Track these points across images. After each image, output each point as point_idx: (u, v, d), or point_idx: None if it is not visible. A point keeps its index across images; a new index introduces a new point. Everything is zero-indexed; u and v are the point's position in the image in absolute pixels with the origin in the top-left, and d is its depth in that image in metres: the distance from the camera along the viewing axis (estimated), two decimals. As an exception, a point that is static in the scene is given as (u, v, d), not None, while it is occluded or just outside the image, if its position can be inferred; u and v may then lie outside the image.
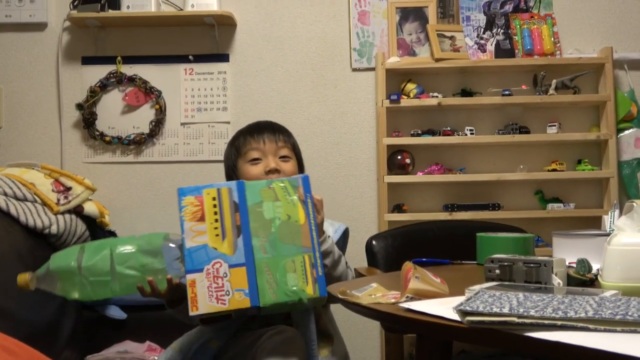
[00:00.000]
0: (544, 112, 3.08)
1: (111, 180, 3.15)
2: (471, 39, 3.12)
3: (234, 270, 1.51)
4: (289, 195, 1.58)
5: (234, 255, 1.52)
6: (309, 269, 1.51)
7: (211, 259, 1.51)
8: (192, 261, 1.52)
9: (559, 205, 2.99)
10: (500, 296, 1.06)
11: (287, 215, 1.56)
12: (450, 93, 3.08)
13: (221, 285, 1.49)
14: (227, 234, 1.53)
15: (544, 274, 1.33)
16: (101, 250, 1.68)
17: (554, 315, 0.93)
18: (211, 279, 1.50)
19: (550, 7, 3.13)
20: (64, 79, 3.19)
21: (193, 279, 1.50)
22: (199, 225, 1.55)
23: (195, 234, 1.54)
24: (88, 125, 3.14)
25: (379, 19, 3.14)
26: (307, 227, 1.55)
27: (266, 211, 1.56)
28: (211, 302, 1.48)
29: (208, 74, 3.17)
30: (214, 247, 1.52)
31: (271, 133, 2.01)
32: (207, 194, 1.57)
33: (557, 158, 3.04)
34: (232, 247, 1.52)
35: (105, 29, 3.18)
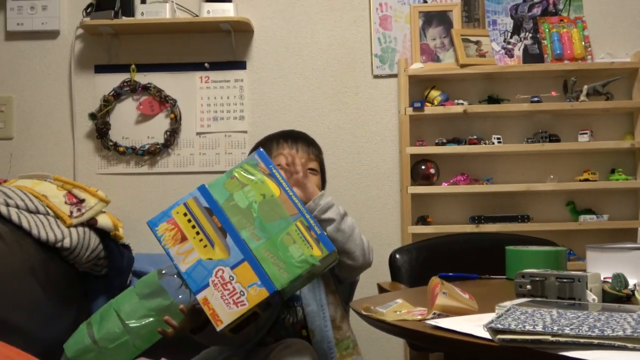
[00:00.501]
0: (574, 120, 2.98)
1: (125, 192, 3.07)
2: (498, 43, 3.01)
3: (237, 270, 1.49)
4: (253, 176, 1.56)
5: (231, 256, 1.50)
6: (305, 233, 1.51)
7: (211, 270, 1.50)
8: (194, 281, 1.50)
9: (592, 216, 2.88)
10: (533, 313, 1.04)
11: (260, 195, 1.54)
12: (476, 100, 2.98)
13: (232, 289, 1.48)
14: (214, 240, 1.51)
15: (577, 290, 1.31)
16: (107, 316, 1.69)
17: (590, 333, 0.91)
18: (220, 288, 1.48)
19: (580, 10, 3.02)
20: (77, 87, 3.12)
21: (204, 297, 1.48)
22: (184, 246, 1.52)
23: (185, 255, 1.52)
24: (101, 136, 3.07)
25: (401, 24, 3.05)
26: (285, 196, 1.54)
27: (239, 201, 1.54)
28: (231, 309, 1.46)
29: (224, 81, 3.09)
30: (208, 258, 1.50)
31: (306, 144, 2.01)
32: (177, 213, 1.55)
33: (589, 167, 2.94)
34: (225, 249, 1.51)
35: (119, 37, 3.12)
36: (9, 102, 3.12)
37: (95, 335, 1.64)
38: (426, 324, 1.16)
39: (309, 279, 1.60)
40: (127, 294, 1.69)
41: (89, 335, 1.66)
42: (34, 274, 2.27)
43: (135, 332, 1.64)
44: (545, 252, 1.81)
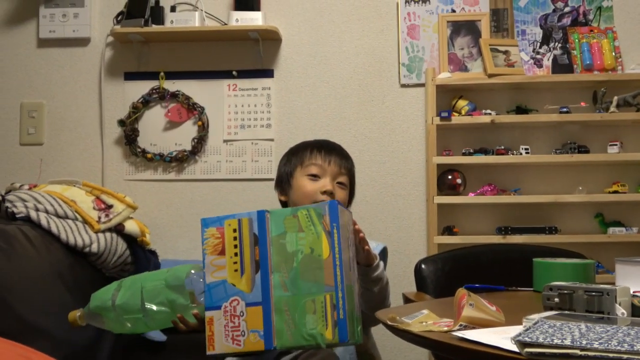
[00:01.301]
0: (604, 131, 2.94)
1: (152, 198, 3.09)
2: (527, 53, 2.99)
3: (250, 309, 1.46)
4: (313, 226, 1.48)
5: (251, 293, 1.47)
6: (329, 310, 1.42)
7: (229, 296, 1.47)
8: (211, 297, 1.49)
9: (621, 229, 2.84)
10: (561, 327, 1.03)
11: (310, 248, 1.46)
12: (504, 110, 2.96)
13: (237, 324, 1.45)
14: (245, 270, 1.48)
15: (606, 304, 1.29)
16: (134, 286, 1.69)
17: (619, 348, 0.89)
18: (228, 317, 1.46)
19: (611, 21, 2.99)
20: (106, 94, 3.16)
21: (211, 317, 1.48)
22: (219, 260, 1.51)
23: (216, 269, 1.51)
24: (130, 142, 3.10)
25: (429, 33, 3.04)
26: (331, 262, 1.44)
27: (289, 243, 1.48)
28: (227, 342, 1.45)
29: (252, 89, 3.11)
30: (233, 283, 1.48)
31: (339, 156, 2.00)
32: (229, 225, 1.52)
33: (618, 179, 2.90)
34: (250, 283, 1.47)
35: (149, 44, 3.15)
36: (40, 108, 3.17)
37: (116, 300, 1.65)
38: (452, 336, 1.15)
39: (307, 349, 1.54)
40: (157, 275, 1.69)
41: (112, 297, 1.67)
42: (62, 279, 2.29)
43: (150, 314, 1.63)
44: (573, 265, 1.79)
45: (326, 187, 1.93)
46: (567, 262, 1.81)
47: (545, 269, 1.81)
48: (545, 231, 2.85)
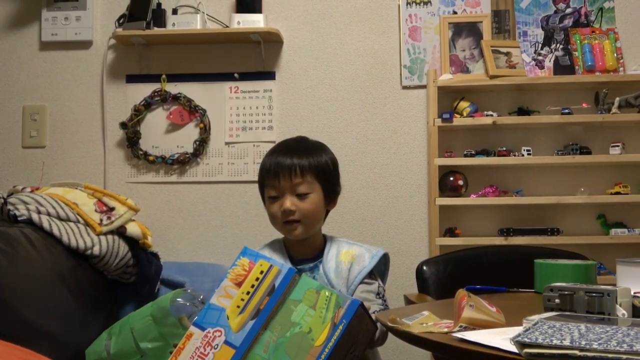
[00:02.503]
0: (606, 132, 2.94)
1: (154, 201, 3.10)
2: (528, 55, 2.99)
3: (225, 347, 1.46)
4: (326, 310, 1.47)
5: (236, 334, 1.47)
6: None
7: (217, 325, 1.49)
8: (204, 316, 1.51)
9: (623, 230, 2.83)
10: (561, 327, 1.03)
11: (309, 327, 1.46)
12: (506, 112, 2.96)
13: (206, 354, 1.46)
14: (245, 311, 1.49)
15: (607, 305, 1.29)
16: (123, 331, 1.71)
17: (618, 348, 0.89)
18: (205, 343, 1.47)
19: (612, 22, 2.98)
20: (108, 97, 3.16)
21: (192, 333, 1.49)
22: (233, 289, 1.53)
23: (224, 295, 1.52)
24: (132, 145, 3.10)
25: (430, 35, 3.04)
26: (318, 352, 1.42)
27: (296, 312, 1.48)
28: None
29: (253, 92, 3.11)
30: (228, 315, 1.50)
31: (287, 170, 1.95)
32: (260, 265, 1.54)
33: (620, 180, 2.89)
34: (240, 325, 1.48)
35: (150, 47, 3.15)
36: (42, 111, 3.17)
37: (111, 349, 1.66)
38: (452, 337, 1.15)
39: None
40: (142, 312, 1.71)
41: (106, 347, 1.68)
42: (64, 281, 2.29)
43: (147, 352, 1.65)
44: (574, 266, 1.79)
45: (284, 206, 1.93)
46: (569, 263, 1.81)
47: (547, 270, 1.81)
48: (547, 232, 2.84)
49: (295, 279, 1.53)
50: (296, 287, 1.52)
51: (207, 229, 3.09)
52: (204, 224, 3.09)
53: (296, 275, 1.53)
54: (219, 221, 3.07)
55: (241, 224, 3.06)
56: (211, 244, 3.06)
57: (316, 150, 2.03)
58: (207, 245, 3.06)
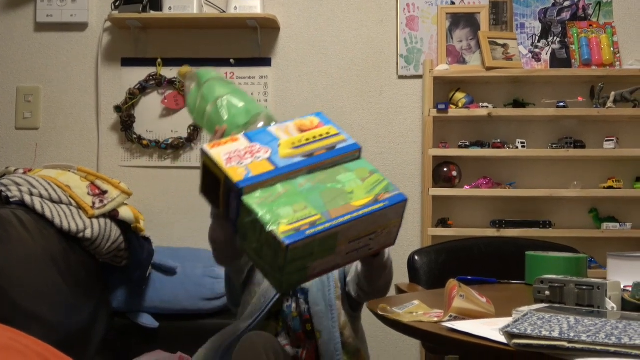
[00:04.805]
0: (601, 126, 2.94)
1: (147, 185, 3.09)
2: (525, 47, 2.98)
3: (265, 162, 1.45)
4: (372, 187, 1.47)
5: (281, 159, 1.47)
6: (306, 221, 1.36)
7: (267, 145, 1.49)
8: (256, 134, 1.52)
9: (615, 224, 2.85)
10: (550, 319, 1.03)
11: (352, 190, 1.45)
12: (501, 103, 2.95)
13: (244, 158, 1.45)
14: (299, 149, 1.49)
15: (597, 297, 1.30)
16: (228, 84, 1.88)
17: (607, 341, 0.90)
18: (247, 151, 1.47)
19: (610, 16, 2.98)
20: (103, 80, 3.14)
21: (238, 139, 1.50)
22: (295, 131, 1.54)
23: (284, 131, 1.53)
24: (126, 128, 3.09)
25: (428, 25, 3.03)
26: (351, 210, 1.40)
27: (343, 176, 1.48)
28: (223, 156, 1.45)
29: (249, 78, 3.10)
30: (280, 144, 1.50)
31: None
32: (328, 128, 1.57)
33: (613, 175, 2.90)
34: (288, 155, 1.48)
35: (146, 31, 3.13)
36: (36, 92, 3.16)
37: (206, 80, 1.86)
38: (442, 326, 1.16)
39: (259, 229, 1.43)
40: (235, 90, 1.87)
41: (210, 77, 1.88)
42: (55, 263, 2.29)
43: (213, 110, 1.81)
44: (565, 259, 1.79)
45: None
46: (560, 256, 1.81)
47: (538, 262, 1.82)
48: (539, 225, 2.85)
49: (356, 153, 1.54)
50: (354, 161, 1.53)
51: (200, 215, 3.06)
52: (197, 209, 3.07)
53: (358, 151, 1.55)
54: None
55: (234, 210, 3.05)
56: (203, 230, 3.00)
57: None
58: (199, 231, 3.03)
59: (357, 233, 1.45)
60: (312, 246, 1.37)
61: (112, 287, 2.70)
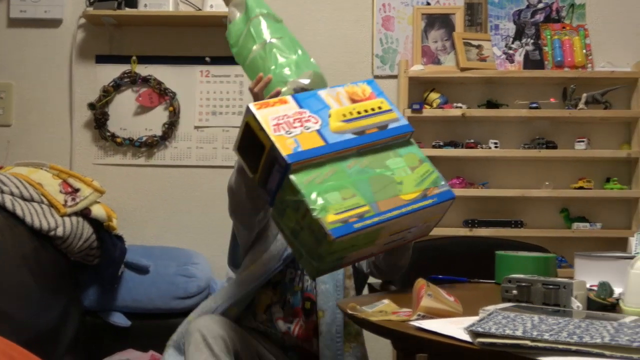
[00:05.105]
0: (572, 127, 2.97)
1: (121, 183, 3.07)
2: (499, 48, 3.01)
3: (316, 135, 1.38)
4: (422, 179, 1.45)
5: (331, 133, 1.40)
6: (354, 212, 1.33)
7: (316, 113, 1.42)
8: (306, 98, 1.45)
9: (585, 224, 2.88)
10: (515, 318, 1.05)
11: (401, 180, 1.42)
12: (475, 104, 2.97)
13: (294, 126, 1.38)
14: (350, 123, 1.43)
15: (563, 297, 1.31)
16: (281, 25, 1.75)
17: (568, 339, 0.91)
18: (296, 118, 1.40)
19: (583, 18, 3.01)
20: (77, 77, 3.12)
21: (286, 101, 1.42)
22: (345, 100, 1.47)
23: (334, 98, 1.46)
24: (99, 126, 3.07)
25: (403, 25, 3.04)
26: (401, 204, 1.38)
27: (393, 161, 1.45)
28: (272, 123, 1.37)
29: (225, 76, 3.09)
30: (331, 114, 1.43)
31: None
32: (381, 102, 1.51)
33: (584, 175, 2.93)
34: (339, 130, 1.42)
35: (121, 28, 3.11)
36: (9, 89, 3.12)
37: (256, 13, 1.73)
38: (410, 325, 1.16)
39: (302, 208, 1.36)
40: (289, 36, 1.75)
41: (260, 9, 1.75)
42: (26, 262, 2.26)
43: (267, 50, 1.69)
44: (534, 258, 1.81)
45: None
46: (529, 256, 1.83)
47: (507, 261, 1.83)
48: (511, 225, 2.87)
49: (407, 136, 1.50)
50: (404, 145, 1.49)
51: (174, 213, 3.07)
52: (171, 208, 3.07)
53: (410, 134, 1.51)
54: (186, 206, 3.06)
55: (208, 209, 3.04)
56: (177, 229, 3.05)
57: None
58: (173, 230, 3.04)
59: (400, 227, 1.43)
60: (357, 239, 1.35)
61: (83, 285, 2.68)
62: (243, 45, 1.71)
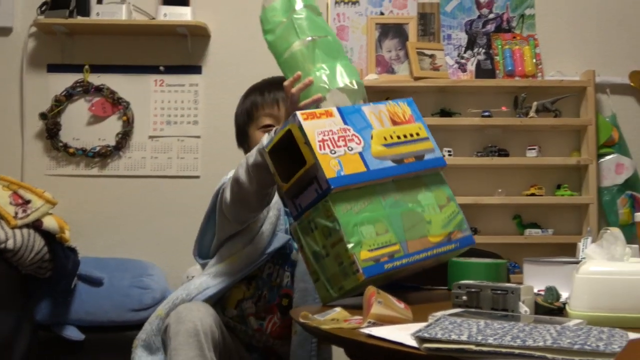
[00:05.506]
0: (523, 135, 3.03)
1: (74, 194, 3.02)
2: (452, 57, 3.05)
3: (358, 159, 1.34)
4: (448, 221, 1.44)
5: (373, 158, 1.36)
6: (385, 249, 1.30)
7: (360, 132, 1.37)
8: (351, 114, 1.38)
9: (537, 230, 2.93)
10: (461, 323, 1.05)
11: (430, 219, 1.40)
12: (429, 113, 3.01)
13: (337, 145, 1.33)
14: (391, 148, 1.39)
15: (510, 302, 1.32)
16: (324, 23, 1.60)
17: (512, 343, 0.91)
18: (340, 135, 1.34)
19: (533, 28, 3.08)
20: (28, 86, 3.07)
21: (332, 114, 1.36)
22: (387, 120, 1.42)
23: (377, 116, 1.41)
24: (51, 136, 3.02)
25: (358, 35, 3.07)
26: (427, 246, 1.37)
27: (424, 196, 1.41)
28: (318, 138, 1.31)
29: (179, 85, 3.07)
30: (373, 135, 1.38)
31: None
32: (419, 128, 1.47)
33: (536, 182, 2.99)
34: (380, 155, 1.37)
35: (73, 36, 3.08)
36: (-43, 98, 3.06)
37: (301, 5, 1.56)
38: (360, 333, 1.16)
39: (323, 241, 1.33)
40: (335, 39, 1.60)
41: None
42: (-25, 275, 2.22)
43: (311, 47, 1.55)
44: (485, 265, 1.83)
45: None
46: (480, 262, 1.84)
47: (459, 268, 1.84)
48: (465, 232, 2.90)
49: (440, 171, 1.49)
50: (435, 179, 1.47)
51: (128, 224, 3.03)
52: (125, 219, 3.04)
53: (442, 169, 1.49)
54: (141, 216, 3.03)
55: (163, 220, 3.01)
56: (132, 240, 3.01)
57: None
58: (127, 241, 3.01)
59: (421, 267, 1.44)
60: (381, 277, 1.33)
61: (35, 299, 2.63)
62: (282, 36, 1.60)
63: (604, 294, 1.22)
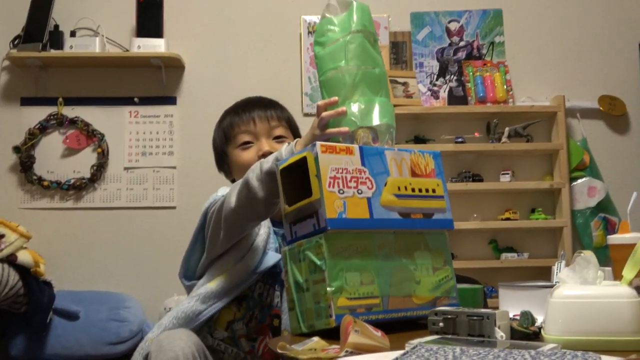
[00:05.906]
0: (497, 160, 3.07)
1: (48, 227, 2.99)
2: (424, 85, 3.09)
3: (364, 203, 1.32)
4: (438, 286, 1.43)
5: (379, 207, 1.34)
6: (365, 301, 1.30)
7: (374, 177, 1.35)
8: (372, 156, 1.36)
9: (513, 255, 2.95)
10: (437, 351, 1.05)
11: (419, 279, 1.40)
12: (403, 140, 3.04)
13: (348, 185, 1.31)
14: (401, 200, 1.37)
15: (486, 327, 1.31)
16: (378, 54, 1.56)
17: (487, 370, 0.91)
18: (354, 175, 1.32)
19: (503, 55, 3.13)
20: (1, 120, 3.06)
21: (353, 152, 1.33)
22: (406, 170, 1.40)
23: (397, 163, 1.39)
24: (25, 169, 3.00)
25: (331, 64, 3.09)
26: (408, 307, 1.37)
27: (421, 254, 1.41)
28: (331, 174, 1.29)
29: (154, 117, 3.07)
30: (387, 182, 1.36)
31: (262, 110, 1.81)
32: (437, 185, 1.47)
33: (510, 207, 3.02)
34: (388, 204, 1.36)
35: (47, 69, 3.07)
36: None
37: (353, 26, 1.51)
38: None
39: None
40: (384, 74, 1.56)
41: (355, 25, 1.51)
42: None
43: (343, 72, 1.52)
44: (462, 290, 1.84)
45: (263, 150, 1.74)
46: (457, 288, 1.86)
47: (437, 295, 1.86)
48: (442, 257, 2.92)
49: (444, 232, 1.48)
50: (437, 239, 1.46)
51: (104, 257, 3.01)
52: (101, 251, 3.01)
53: (446, 232, 1.48)
54: (116, 248, 3.00)
55: (139, 251, 2.99)
56: (108, 272, 2.98)
57: (281, 105, 1.94)
58: (103, 274, 2.98)
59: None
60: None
61: (10, 334, 2.60)
62: (330, 54, 1.56)
63: (578, 318, 1.23)
